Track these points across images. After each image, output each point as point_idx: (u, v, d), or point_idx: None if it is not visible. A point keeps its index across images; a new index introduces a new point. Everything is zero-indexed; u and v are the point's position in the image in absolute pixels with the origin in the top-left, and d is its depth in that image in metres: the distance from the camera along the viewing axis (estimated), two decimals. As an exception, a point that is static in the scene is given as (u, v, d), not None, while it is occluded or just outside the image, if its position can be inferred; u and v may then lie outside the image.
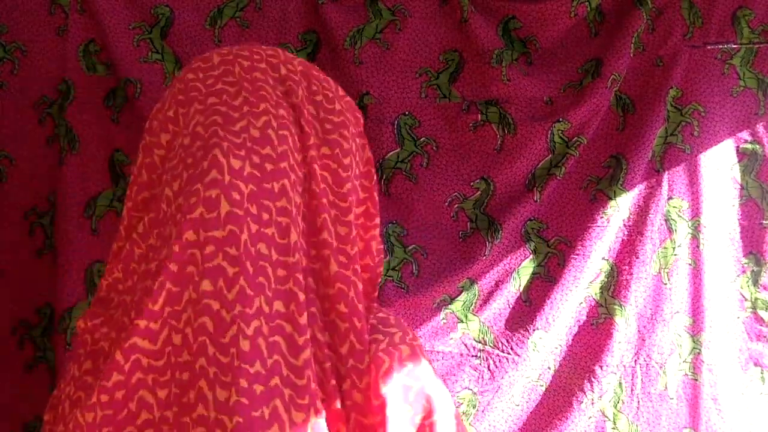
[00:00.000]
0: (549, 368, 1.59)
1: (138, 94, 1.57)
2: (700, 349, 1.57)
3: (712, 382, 1.57)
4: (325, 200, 0.66)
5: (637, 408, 1.57)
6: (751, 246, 1.60)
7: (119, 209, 1.62)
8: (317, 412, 0.58)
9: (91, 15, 1.59)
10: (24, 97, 1.61)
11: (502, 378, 1.57)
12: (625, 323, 1.57)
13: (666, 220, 1.60)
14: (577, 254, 1.57)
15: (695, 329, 1.57)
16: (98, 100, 1.60)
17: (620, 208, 1.58)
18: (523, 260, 1.61)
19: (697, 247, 1.59)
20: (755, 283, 1.59)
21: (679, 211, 1.60)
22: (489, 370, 1.58)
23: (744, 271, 1.60)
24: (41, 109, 1.61)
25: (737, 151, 1.61)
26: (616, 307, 1.57)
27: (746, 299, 1.59)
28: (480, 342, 1.60)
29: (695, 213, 1.60)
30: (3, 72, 1.61)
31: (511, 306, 1.61)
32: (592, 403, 1.56)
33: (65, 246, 1.56)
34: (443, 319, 1.59)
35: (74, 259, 1.56)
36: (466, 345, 1.60)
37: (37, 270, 1.61)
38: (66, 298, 1.56)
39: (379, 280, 0.75)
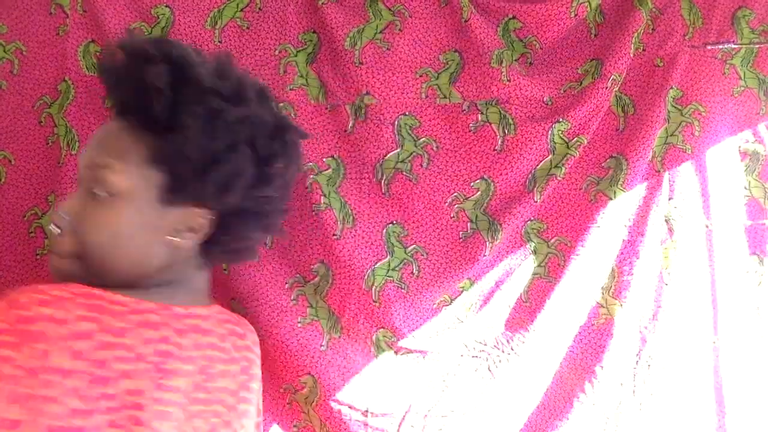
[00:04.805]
0: (549, 369, 1.58)
1: (138, 94, 1.57)
2: (703, 351, 1.56)
3: (716, 383, 1.56)
4: None
5: (639, 409, 1.56)
6: (754, 246, 1.59)
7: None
8: None
9: (91, 15, 1.59)
10: (24, 97, 1.61)
11: (502, 378, 1.57)
12: (626, 324, 1.56)
13: (667, 221, 1.59)
14: (577, 254, 1.57)
15: (697, 330, 1.57)
16: (98, 100, 1.60)
17: (620, 208, 1.58)
18: (523, 260, 1.61)
19: (700, 247, 1.58)
20: (759, 283, 1.58)
21: (680, 211, 1.59)
22: (489, 370, 1.58)
23: (748, 272, 1.59)
24: (41, 109, 1.61)
25: (739, 151, 1.60)
26: (616, 307, 1.56)
27: (751, 300, 1.58)
28: (480, 342, 1.59)
29: (697, 213, 1.59)
30: (3, 72, 1.61)
31: (511, 306, 1.61)
32: (593, 404, 1.55)
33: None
34: (443, 319, 1.58)
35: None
36: (466, 345, 1.59)
37: (36, 271, 1.61)
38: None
39: None
